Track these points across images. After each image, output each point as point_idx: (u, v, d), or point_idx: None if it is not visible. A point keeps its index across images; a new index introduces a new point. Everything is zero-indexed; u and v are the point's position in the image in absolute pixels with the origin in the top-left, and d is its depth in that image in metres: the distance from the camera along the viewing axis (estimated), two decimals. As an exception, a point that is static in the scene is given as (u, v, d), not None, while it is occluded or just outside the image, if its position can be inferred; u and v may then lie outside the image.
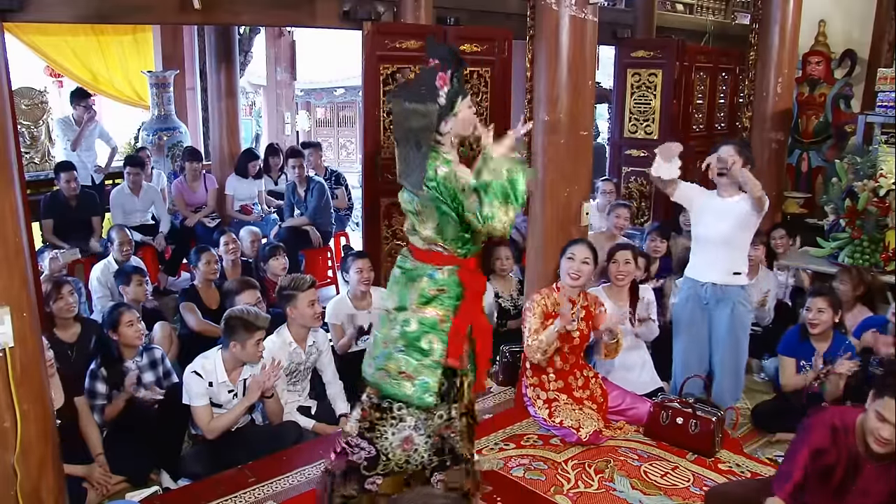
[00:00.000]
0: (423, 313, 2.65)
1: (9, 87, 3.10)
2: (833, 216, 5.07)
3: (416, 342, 2.65)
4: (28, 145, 6.65)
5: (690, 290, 3.85)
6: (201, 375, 3.43)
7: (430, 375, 2.64)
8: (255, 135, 10.93)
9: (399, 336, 2.68)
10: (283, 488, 3.23)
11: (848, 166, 4.96)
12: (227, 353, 3.50)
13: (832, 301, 3.88)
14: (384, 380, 2.70)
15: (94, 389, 3.53)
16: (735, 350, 3.80)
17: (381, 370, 2.71)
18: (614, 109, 7.16)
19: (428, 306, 2.65)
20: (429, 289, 2.66)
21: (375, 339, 2.81)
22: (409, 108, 2.57)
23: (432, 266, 2.67)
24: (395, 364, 2.67)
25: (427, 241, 2.69)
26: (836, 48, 7.46)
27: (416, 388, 2.65)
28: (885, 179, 4.67)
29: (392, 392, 2.69)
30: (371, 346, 2.86)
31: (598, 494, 3.23)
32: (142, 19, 5.62)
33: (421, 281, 2.67)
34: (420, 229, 2.70)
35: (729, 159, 3.56)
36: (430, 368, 2.64)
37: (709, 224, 3.71)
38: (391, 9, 4.93)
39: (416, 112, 2.56)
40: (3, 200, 2.47)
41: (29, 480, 2.58)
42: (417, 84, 2.65)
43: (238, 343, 3.43)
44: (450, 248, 2.66)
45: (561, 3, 4.01)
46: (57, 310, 3.93)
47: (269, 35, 9.25)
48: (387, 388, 2.70)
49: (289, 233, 6.00)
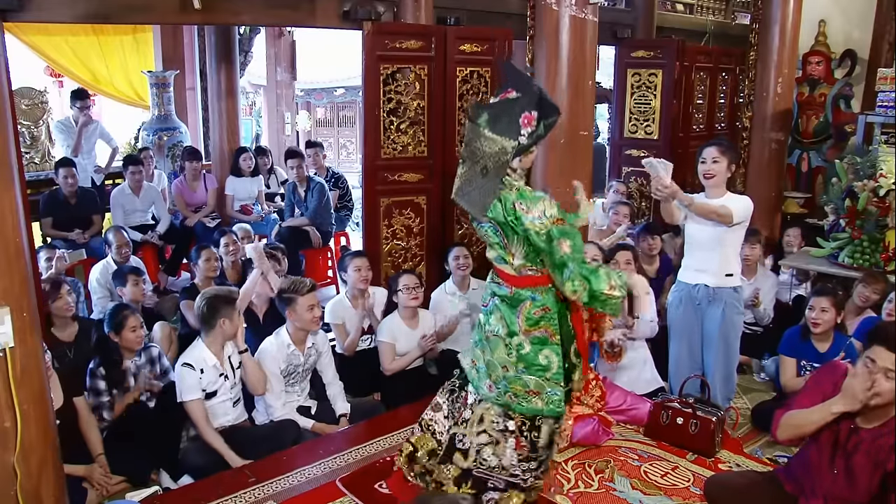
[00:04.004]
0: (533, 334, 2.78)
1: (9, 87, 3.09)
2: (833, 216, 5.07)
3: (535, 361, 2.78)
4: (28, 145, 6.66)
5: (683, 292, 3.85)
6: (192, 366, 3.48)
7: (555, 386, 2.79)
8: (256, 135, 10.93)
9: (517, 360, 2.81)
10: (283, 488, 3.23)
11: (848, 166, 4.96)
12: (207, 337, 3.57)
13: (835, 301, 3.88)
14: (514, 401, 2.84)
15: (97, 388, 3.54)
16: (725, 352, 3.80)
17: (509, 392, 2.84)
18: (614, 109, 7.16)
19: (537, 326, 2.78)
20: (533, 310, 2.77)
21: (490, 363, 2.89)
22: (489, 135, 2.61)
23: (530, 289, 2.78)
24: (521, 385, 2.81)
25: (518, 269, 2.79)
26: (836, 48, 7.47)
27: (545, 402, 2.80)
28: (885, 179, 4.66)
29: (523, 410, 2.84)
30: (485, 369, 2.93)
31: (598, 494, 3.23)
32: (142, 19, 5.62)
33: (525, 304, 2.79)
34: (510, 260, 2.79)
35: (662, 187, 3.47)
36: (553, 381, 2.79)
37: (698, 225, 3.71)
38: (391, 9, 4.92)
39: (493, 141, 2.61)
40: (3, 200, 2.47)
41: (29, 480, 2.58)
42: (500, 112, 2.64)
43: (227, 318, 3.54)
44: (541, 268, 2.76)
45: (561, 3, 4.01)
46: (56, 309, 3.93)
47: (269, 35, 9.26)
48: (518, 407, 2.84)
49: (289, 233, 6.01)
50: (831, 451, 2.53)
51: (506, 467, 2.89)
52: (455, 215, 5.15)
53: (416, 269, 4.91)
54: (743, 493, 2.78)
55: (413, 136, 4.84)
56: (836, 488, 2.52)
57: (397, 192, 4.88)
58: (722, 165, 3.63)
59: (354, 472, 3.35)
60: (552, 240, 2.60)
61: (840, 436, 2.52)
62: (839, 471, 2.51)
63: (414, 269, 4.90)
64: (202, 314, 3.58)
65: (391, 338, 4.24)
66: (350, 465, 3.43)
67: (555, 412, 2.82)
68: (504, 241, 2.75)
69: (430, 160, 4.93)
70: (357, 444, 3.61)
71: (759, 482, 2.85)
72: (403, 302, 4.25)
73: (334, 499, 3.16)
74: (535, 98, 2.61)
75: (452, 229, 5.16)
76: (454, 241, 5.02)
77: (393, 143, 4.78)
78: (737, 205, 3.59)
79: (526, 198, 2.65)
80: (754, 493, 2.76)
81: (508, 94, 2.63)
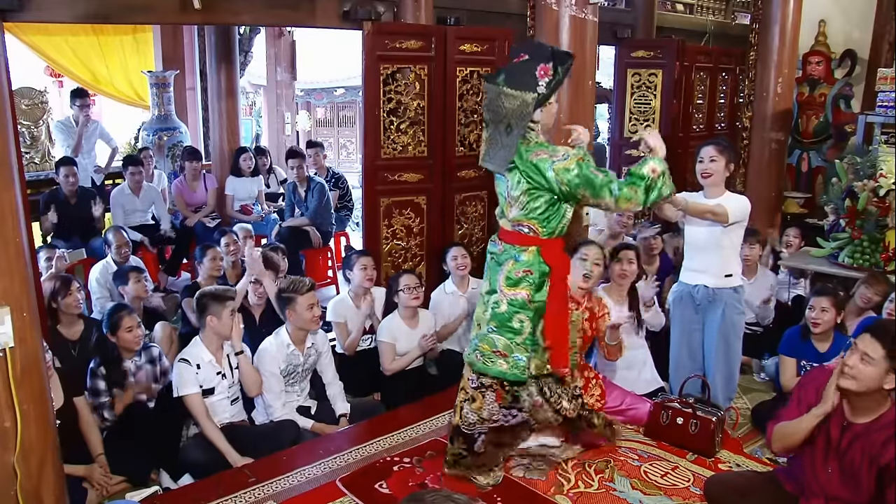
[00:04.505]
0: (512, 294, 2.81)
1: (9, 87, 3.09)
2: (833, 216, 5.06)
3: (507, 322, 2.82)
4: (28, 145, 6.66)
5: (683, 292, 3.85)
6: (189, 361, 3.51)
7: (523, 353, 2.82)
8: (256, 135, 10.93)
9: (491, 317, 2.85)
10: (283, 488, 3.23)
11: (848, 166, 4.96)
12: (204, 334, 3.59)
13: (835, 301, 3.88)
14: (479, 360, 2.87)
15: (97, 388, 3.55)
16: (726, 352, 3.80)
17: (476, 350, 2.89)
18: (614, 109, 7.16)
19: (516, 287, 2.81)
20: (514, 271, 2.83)
21: (472, 322, 3.00)
22: (508, 92, 2.71)
23: (517, 248, 2.83)
24: (488, 344, 2.85)
25: (513, 221, 2.84)
26: (836, 48, 7.47)
27: (509, 365, 2.83)
28: (885, 179, 4.66)
29: (485, 370, 2.87)
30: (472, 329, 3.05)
31: (598, 494, 3.22)
32: (142, 19, 5.62)
33: (507, 264, 2.84)
34: (507, 211, 2.86)
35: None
36: (522, 346, 2.82)
37: (696, 226, 3.71)
38: (391, 9, 4.92)
39: (514, 97, 2.70)
40: (3, 200, 2.47)
41: (29, 480, 2.58)
42: (516, 69, 2.77)
43: (214, 316, 3.54)
44: (535, 227, 2.79)
45: (561, 3, 4.02)
46: (65, 306, 3.95)
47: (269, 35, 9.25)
48: (480, 366, 2.87)
49: (289, 233, 6.01)
50: (825, 450, 2.54)
51: (485, 419, 2.95)
52: (455, 215, 5.16)
53: (416, 269, 4.91)
54: (743, 493, 2.78)
55: (413, 136, 4.84)
56: (833, 487, 2.52)
57: (397, 192, 4.88)
58: (719, 165, 3.62)
59: (354, 472, 3.35)
60: (584, 172, 2.69)
61: (832, 434, 2.52)
62: (833, 469, 2.52)
63: (414, 269, 4.90)
64: (194, 311, 3.67)
65: (391, 338, 4.23)
66: (350, 465, 3.43)
67: (518, 377, 2.85)
68: (507, 192, 2.83)
69: (430, 160, 4.93)
70: (357, 444, 3.60)
71: (759, 482, 2.85)
72: (404, 302, 4.25)
73: (334, 499, 3.15)
74: (548, 52, 2.73)
75: (452, 229, 5.16)
76: (453, 241, 5.02)
77: (393, 143, 4.78)
78: (733, 204, 3.59)
79: (544, 146, 2.77)
80: (754, 493, 2.76)
81: (521, 58, 2.76)
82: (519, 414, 3.10)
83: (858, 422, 2.49)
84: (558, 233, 2.90)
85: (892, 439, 2.40)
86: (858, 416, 2.49)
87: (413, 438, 3.69)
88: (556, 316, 2.90)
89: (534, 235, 2.82)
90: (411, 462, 3.42)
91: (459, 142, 5.04)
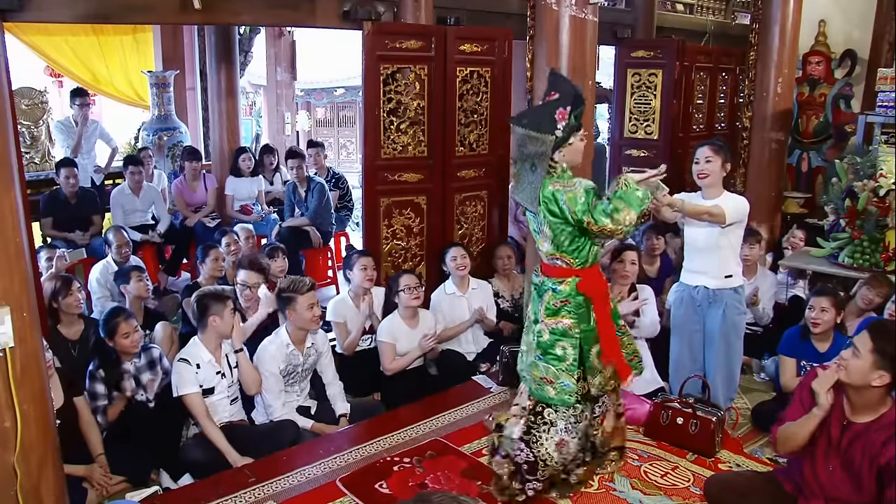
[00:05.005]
0: (553, 323, 2.95)
1: (9, 87, 3.09)
2: (833, 216, 5.06)
3: (551, 350, 2.96)
4: (28, 145, 6.66)
5: (684, 292, 3.85)
6: (188, 361, 3.52)
7: (569, 378, 2.93)
8: (256, 135, 10.92)
9: (536, 346, 3.00)
10: (283, 488, 3.23)
11: (848, 166, 4.96)
12: (203, 335, 3.60)
13: (835, 301, 3.88)
14: (531, 386, 3.03)
15: (95, 391, 3.54)
16: (727, 353, 3.80)
17: (530, 377, 3.03)
18: (614, 109, 7.16)
19: (556, 316, 2.95)
20: (553, 301, 2.96)
21: (522, 345, 3.16)
22: (532, 134, 2.87)
23: (554, 280, 2.97)
24: (537, 371, 2.99)
25: (548, 255, 2.98)
26: (836, 48, 7.47)
27: (557, 391, 2.94)
28: (885, 179, 4.66)
29: (537, 395, 3.02)
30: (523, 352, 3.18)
31: (598, 494, 3.23)
32: (142, 19, 5.62)
33: (546, 294, 2.99)
34: (541, 246, 3.01)
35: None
36: (567, 372, 2.93)
37: (695, 227, 3.71)
38: (391, 9, 4.92)
39: (534, 139, 2.85)
40: (3, 200, 2.47)
41: (29, 480, 2.58)
42: (538, 114, 2.93)
43: (217, 316, 3.56)
44: (568, 259, 2.93)
45: (561, 3, 4.01)
46: (66, 305, 3.96)
47: (269, 35, 9.25)
48: (534, 392, 3.02)
49: (289, 233, 6.01)
50: (825, 450, 2.54)
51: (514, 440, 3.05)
52: (455, 215, 5.16)
53: (416, 269, 4.91)
54: (743, 493, 2.78)
55: (413, 136, 4.84)
56: (834, 487, 2.52)
57: (397, 192, 4.88)
58: (715, 165, 3.62)
59: (354, 472, 3.35)
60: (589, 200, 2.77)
61: (832, 433, 2.53)
62: (834, 469, 2.52)
63: (414, 269, 4.90)
64: (194, 312, 3.66)
65: (391, 338, 4.23)
66: (350, 465, 3.43)
67: (565, 402, 2.96)
68: (539, 227, 2.97)
69: (430, 160, 4.93)
70: (357, 444, 3.61)
71: (759, 482, 2.85)
72: (404, 302, 4.25)
73: (334, 499, 3.16)
74: (571, 95, 2.85)
75: (452, 229, 5.16)
76: (453, 241, 5.02)
77: (393, 143, 4.78)
78: (730, 204, 3.58)
79: (561, 179, 2.88)
80: (754, 494, 2.76)
81: (552, 97, 2.89)
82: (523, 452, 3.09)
83: (859, 421, 2.49)
84: (592, 261, 2.99)
85: (893, 439, 2.40)
86: (859, 415, 2.49)
87: (413, 438, 3.69)
88: (608, 337, 3.02)
89: (568, 267, 2.95)
90: (411, 462, 3.42)
91: (459, 142, 5.04)
